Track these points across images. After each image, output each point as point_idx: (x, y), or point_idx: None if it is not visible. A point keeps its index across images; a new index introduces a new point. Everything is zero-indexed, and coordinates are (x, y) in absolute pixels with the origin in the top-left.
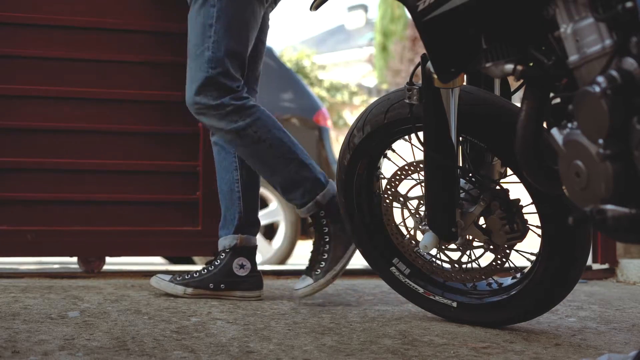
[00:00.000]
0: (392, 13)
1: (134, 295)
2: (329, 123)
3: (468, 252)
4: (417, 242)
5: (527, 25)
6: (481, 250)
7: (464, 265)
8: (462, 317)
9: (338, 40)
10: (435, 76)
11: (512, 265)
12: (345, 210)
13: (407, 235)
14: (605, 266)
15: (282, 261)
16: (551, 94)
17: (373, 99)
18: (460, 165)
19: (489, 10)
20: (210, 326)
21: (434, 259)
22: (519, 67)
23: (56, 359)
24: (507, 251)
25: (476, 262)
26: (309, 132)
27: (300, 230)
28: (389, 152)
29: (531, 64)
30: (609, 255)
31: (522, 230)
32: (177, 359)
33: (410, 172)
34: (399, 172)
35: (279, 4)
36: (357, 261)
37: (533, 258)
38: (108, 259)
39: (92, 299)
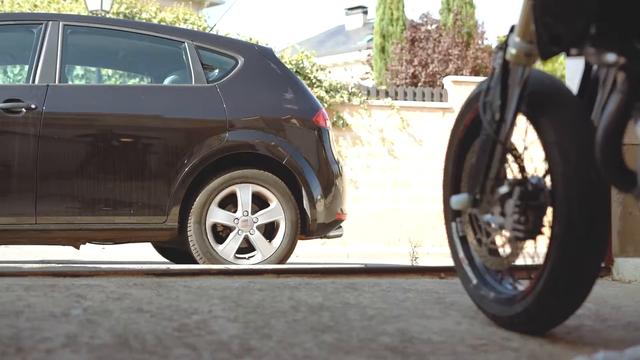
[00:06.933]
0: (390, 15)
1: (136, 294)
2: (328, 124)
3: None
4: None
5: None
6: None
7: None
8: (475, 297)
9: (337, 42)
10: (511, 50)
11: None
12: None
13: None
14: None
15: (283, 260)
16: None
17: (373, 99)
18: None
19: None
20: (211, 324)
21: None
22: (622, 59)
23: (59, 357)
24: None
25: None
26: (309, 133)
27: (301, 229)
28: None
29: (636, 58)
30: (605, 254)
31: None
32: (179, 356)
33: None
34: None
35: (279, 4)
36: (357, 260)
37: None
38: (108, 258)
39: (95, 297)
